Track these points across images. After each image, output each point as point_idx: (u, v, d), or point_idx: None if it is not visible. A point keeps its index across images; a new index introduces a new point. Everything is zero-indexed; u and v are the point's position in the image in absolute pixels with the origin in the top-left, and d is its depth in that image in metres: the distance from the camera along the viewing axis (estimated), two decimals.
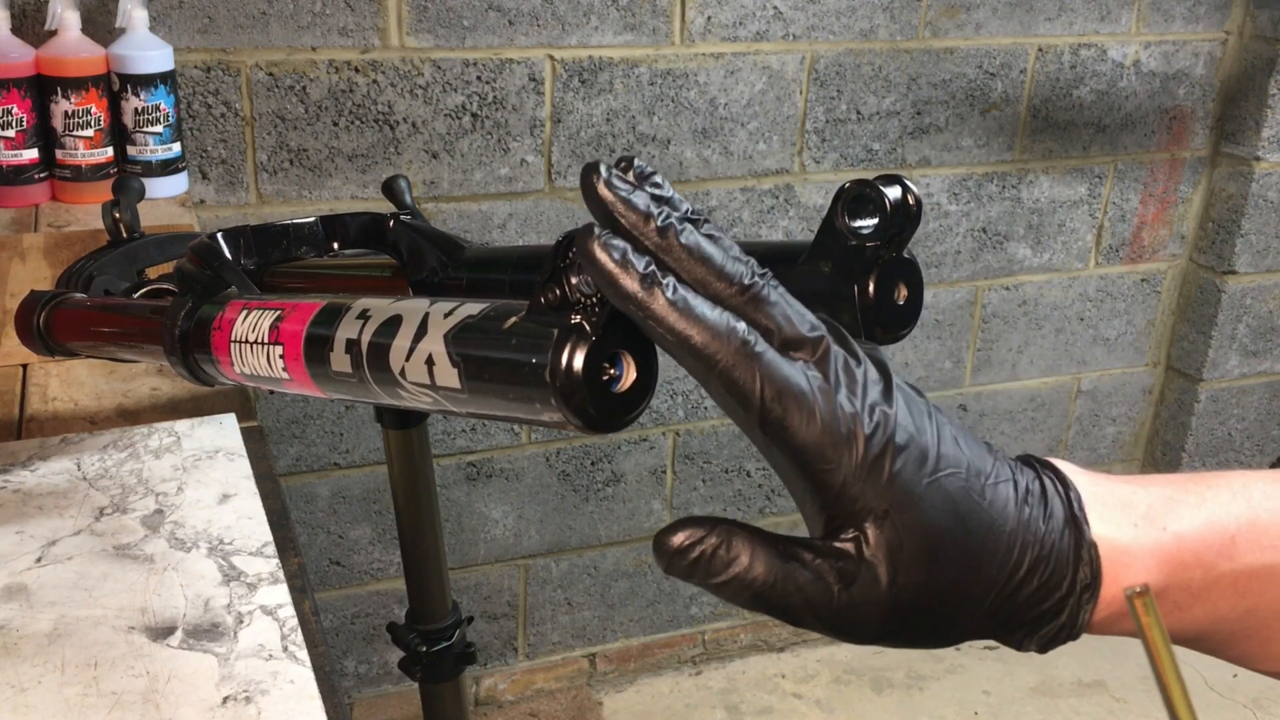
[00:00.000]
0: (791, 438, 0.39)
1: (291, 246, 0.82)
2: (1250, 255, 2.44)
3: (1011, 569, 0.41)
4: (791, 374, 0.39)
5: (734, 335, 0.39)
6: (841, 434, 0.39)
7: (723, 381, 0.39)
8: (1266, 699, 2.40)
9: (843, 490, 0.39)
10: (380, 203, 1.75)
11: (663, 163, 2.01)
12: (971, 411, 2.45)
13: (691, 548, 0.40)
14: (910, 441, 0.40)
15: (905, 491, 0.40)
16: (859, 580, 0.40)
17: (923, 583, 0.40)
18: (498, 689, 2.28)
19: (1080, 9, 2.20)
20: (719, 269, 0.40)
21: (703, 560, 0.40)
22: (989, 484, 0.42)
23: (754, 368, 0.39)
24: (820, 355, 0.40)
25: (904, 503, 0.40)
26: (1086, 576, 0.43)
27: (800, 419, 0.39)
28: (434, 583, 1.16)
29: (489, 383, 0.46)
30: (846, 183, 0.56)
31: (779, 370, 0.39)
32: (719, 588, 0.40)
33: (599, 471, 2.19)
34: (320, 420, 1.95)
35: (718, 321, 0.39)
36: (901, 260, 0.57)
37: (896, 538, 0.40)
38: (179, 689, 0.64)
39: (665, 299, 0.39)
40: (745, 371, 0.39)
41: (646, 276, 0.39)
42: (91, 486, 0.85)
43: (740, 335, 0.39)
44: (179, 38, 1.68)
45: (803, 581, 0.40)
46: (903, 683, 2.42)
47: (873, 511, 0.39)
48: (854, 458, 0.39)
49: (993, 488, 0.42)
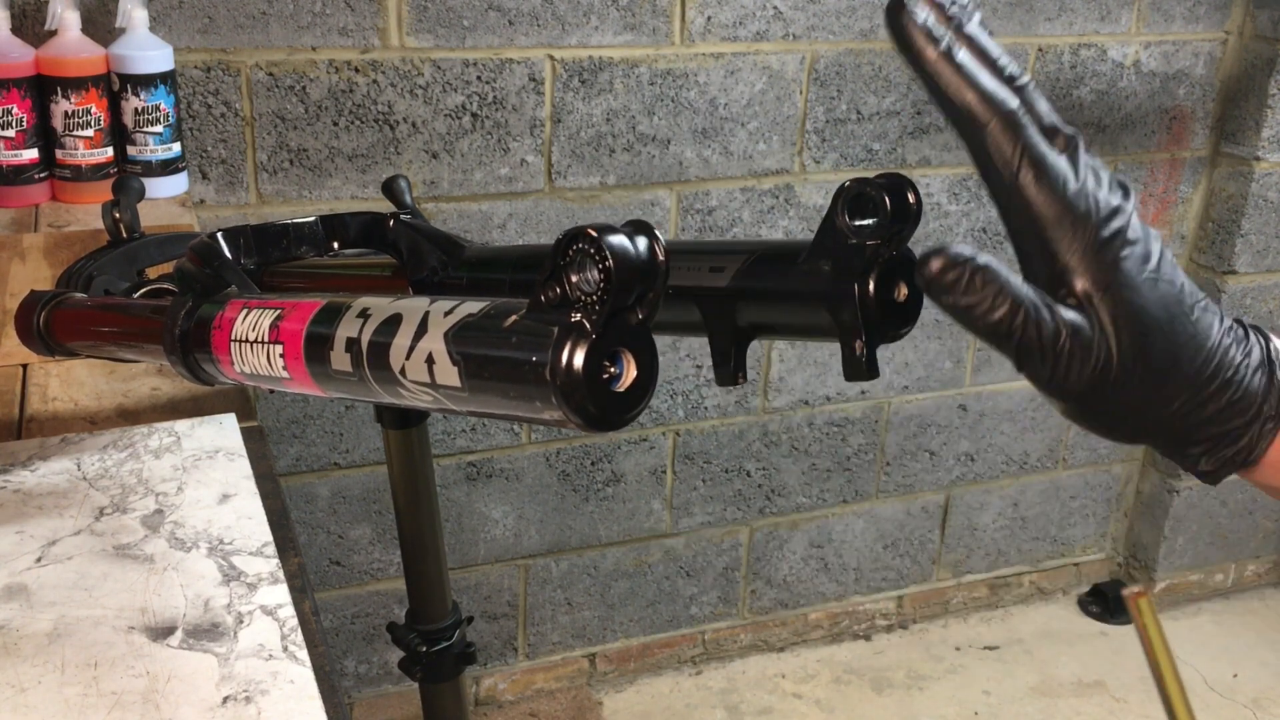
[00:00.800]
0: (1035, 204, 0.44)
1: (291, 246, 0.82)
2: (1250, 255, 2.44)
3: (1204, 381, 0.46)
4: (1047, 150, 0.45)
5: (1005, 104, 0.45)
6: (1081, 211, 0.44)
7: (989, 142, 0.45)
8: (1266, 699, 2.40)
9: (1072, 260, 0.44)
10: (380, 202, 1.75)
11: (663, 163, 2.01)
12: (971, 411, 2.45)
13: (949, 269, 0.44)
14: (1139, 240, 0.45)
15: (1128, 277, 0.44)
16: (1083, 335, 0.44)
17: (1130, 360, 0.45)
18: (498, 689, 2.28)
19: (1080, 9, 2.20)
20: (994, 59, 0.46)
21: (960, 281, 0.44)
22: (1198, 306, 0.46)
23: (1016, 136, 0.45)
24: (1072, 147, 0.46)
25: (1125, 285, 0.44)
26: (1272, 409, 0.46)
27: (1048, 189, 0.44)
28: (434, 583, 1.16)
29: (489, 381, 0.46)
30: (847, 181, 0.55)
31: (1037, 144, 0.45)
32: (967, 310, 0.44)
33: (599, 471, 2.19)
34: (320, 420, 1.95)
35: (994, 90, 0.45)
36: (902, 259, 0.57)
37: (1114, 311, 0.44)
38: (179, 689, 0.63)
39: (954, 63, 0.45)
40: (1007, 137, 0.45)
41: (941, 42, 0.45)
42: (91, 486, 0.85)
43: (1010, 104, 0.45)
44: (179, 38, 1.68)
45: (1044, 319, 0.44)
46: (903, 683, 2.42)
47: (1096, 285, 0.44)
48: (1088, 235, 0.44)
49: (1201, 311, 0.46)
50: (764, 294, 0.60)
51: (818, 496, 2.39)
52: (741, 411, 2.26)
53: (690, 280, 0.62)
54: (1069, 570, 2.72)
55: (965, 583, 2.63)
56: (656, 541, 2.29)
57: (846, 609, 2.53)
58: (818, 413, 2.32)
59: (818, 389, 2.30)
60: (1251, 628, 2.66)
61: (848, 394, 2.32)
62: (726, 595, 2.40)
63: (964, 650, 2.53)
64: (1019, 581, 2.68)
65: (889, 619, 2.58)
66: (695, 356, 2.17)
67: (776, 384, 2.26)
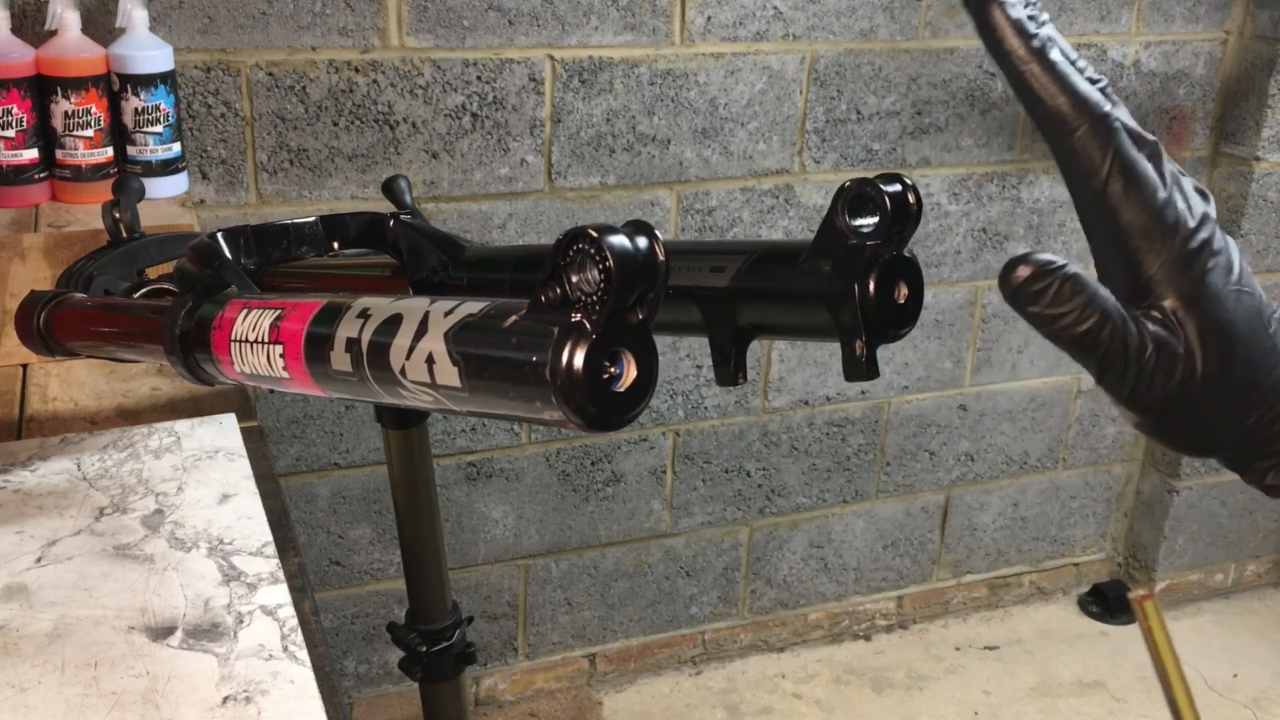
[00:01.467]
0: (1123, 213, 0.44)
1: (292, 246, 0.82)
2: (1250, 255, 2.44)
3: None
4: (1138, 156, 0.44)
5: (1098, 107, 0.44)
6: (1168, 222, 0.43)
7: (1079, 146, 0.44)
8: (1266, 699, 2.40)
9: (1159, 273, 0.44)
10: (380, 202, 1.75)
11: (663, 163, 2.01)
12: (971, 411, 2.45)
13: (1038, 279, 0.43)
14: (1224, 250, 0.44)
15: (1214, 289, 0.44)
16: (1168, 349, 0.44)
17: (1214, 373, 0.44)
18: (498, 689, 2.28)
19: (1080, 9, 2.20)
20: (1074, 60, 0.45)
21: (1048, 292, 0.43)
22: (1274, 318, 0.45)
23: (1108, 141, 0.44)
24: (1156, 156, 0.45)
25: (1211, 298, 0.44)
26: None
27: (1138, 198, 0.44)
28: (434, 583, 1.16)
29: (489, 381, 0.46)
30: (847, 181, 0.55)
31: (1128, 150, 0.44)
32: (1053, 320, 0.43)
33: (599, 471, 2.19)
34: (320, 420, 1.95)
35: (1088, 93, 0.44)
36: (902, 259, 0.57)
37: (1203, 325, 0.44)
38: (179, 689, 0.63)
39: (1048, 60, 0.44)
40: (1100, 143, 0.44)
41: (1033, 36, 0.44)
42: (91, 486, 0.85)
43: (1103, 109, 0.44)
44: (179, 38, 1.68)
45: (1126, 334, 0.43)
46: (903, 683, 2.42)
47: (1183, 298, 0.44)
48: (1175, 246, 0.43)
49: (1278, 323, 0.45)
50: (764, 294, 0.60)
51: (818, 496, 2.39)
52: (741, 411, 2.26)
53: (691, 280, 0.62)
54: (1069, 570, 2.72)
55: (965, 583, 2.63)
56: (656, 541, 2.29)
57: (846, 609, 2.53)
58: (818, 413, 2.32)
59: (818, 389, 2.30)
60: (1251, 628, 2.66)
61: (848, 394, 2.32)
62: (726, 595, 2.40)
63: (964, 650, 2.53)
64: (1019, 581, 2.68)
65: (889, 619, 2.58)
66: (695, 356, 2.17)
67: (776, 384, 2.26)
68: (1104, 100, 0.44)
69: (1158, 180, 0.44)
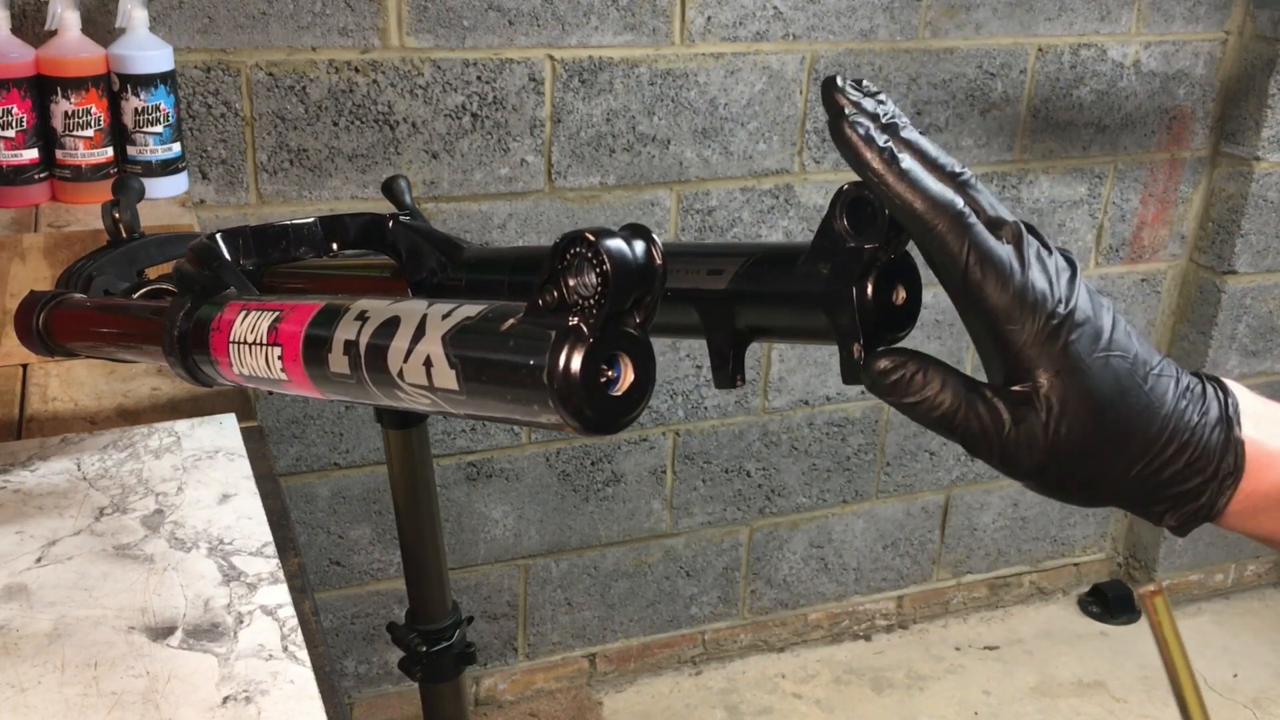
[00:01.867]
0: (987, 299, 0.46)
1: (291, 247, 0.82)
2: (1250, 255, 2.44)
3: (1161, 445, 0.47)
4: (995, 245, 0.47)
5: (951, 206, 0.47)
6: (1029, 302, 0.46)
7: (937, 243, 0.46)
8: (1266, 699, 2.41)
9: (1023, 349, 0.46)
10: (380, 203, 1.75)
11: (663, 163, 2.01)
12: None
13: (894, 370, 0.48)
14: (1087, 321, 0.47)
15: (1077, 359, 0.46)
16: (1028, 420, 0.46)
17: (1081, 436, 0.46)
18: (498, 689, 2.28)
19: (1080, 9, 2.20)
20: (933, 159, 0.49)
21: (902, 382, 0.48)
22: (1152, 374, 0.48)
23: (964, 235, 0.46)
24: (1017, 238, 0.47)
25: (1074, 369, 0.46)
26: (1230, 465, 0.48)
27: (996, 283, 0.46)
28: (434, 583, 1.16)
29: (487, 384, 0.46)
30: (845, 184, 0.55)
31: (984, 241, 0.46)
32: (912, 407, 0.48)
33: (599, 471, 2.19)
34: (320, 420, 1.96)
35: (940, 193, 0.47)
36: (900, 262, 0.56)
37: (1064, 394, 0.46)
38: (179, 689, 0.64)
39: (899, 169, 0.47)
40: (957, 238, 0.46)
41: (884, 150, 0.47)
42: (91, 486, 0.85)
43: (956, 207, 0.47)
44: (179, 38, 1.68)
45: (982, 412, 0.47)
46: (903, 683, 2.42)
47: (1046, 371, 0.46)
48: (1037, 323, 0.46)
49: (1155, 378, 0.48)
50: (762, 297, 0.60)
51: (818, 496, 2.39)
52: (741, 412, 2.26)
53: (689, 283, 0.62)
54: (1069, 570, 2.72)
55: (965, 583, 2.63)
56: (656, 541, 2.29)
57: (846, 609, 2.53)
58: (818, 413, 2.32)
59: (817, 389, 2.30)
60: (1251, 628, 2.66)
61: (848, 394, 2.32)
62: (726, 595, 2.40)
63: (964, 650, 2.53)
64: (1019, 581, 2.68)
65: (889, 619, 2.58)
66: (695, 357, 2.17)
67: (776, 384, 2.26)
68: (956, 196, 0.47)
69: (1016, 264, 0.46)
